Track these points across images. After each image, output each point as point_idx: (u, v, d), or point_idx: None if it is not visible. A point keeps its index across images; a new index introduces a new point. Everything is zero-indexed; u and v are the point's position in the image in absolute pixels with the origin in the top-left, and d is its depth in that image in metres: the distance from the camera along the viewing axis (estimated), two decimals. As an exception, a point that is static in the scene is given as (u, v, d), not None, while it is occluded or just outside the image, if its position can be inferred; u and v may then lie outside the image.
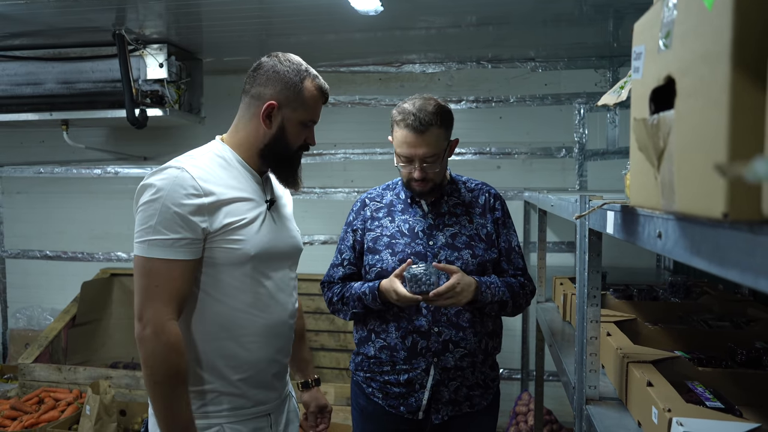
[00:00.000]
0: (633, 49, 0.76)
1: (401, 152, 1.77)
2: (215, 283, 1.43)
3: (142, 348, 1.35)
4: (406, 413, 1.81)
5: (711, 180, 0.53)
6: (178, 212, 1.34)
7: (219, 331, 1.45)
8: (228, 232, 1.41)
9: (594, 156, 3.65)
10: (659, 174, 0.67)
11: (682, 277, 2.26)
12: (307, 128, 1.54)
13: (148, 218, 1.35)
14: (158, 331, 1.33)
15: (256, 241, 1.45)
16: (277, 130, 1.49)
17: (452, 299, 1.66)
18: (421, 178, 1.76)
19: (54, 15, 2.91)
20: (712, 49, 0.53)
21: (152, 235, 1.34)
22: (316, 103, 1.52)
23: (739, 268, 0.56)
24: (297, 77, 1.48)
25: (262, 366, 1.51)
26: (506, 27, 3.10)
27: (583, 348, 1.39)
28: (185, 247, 1.36)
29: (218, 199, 1.40)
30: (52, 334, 3.67)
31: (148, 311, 1.34)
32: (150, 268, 1.35)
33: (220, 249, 1.41)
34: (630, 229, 0.95)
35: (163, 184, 1.36)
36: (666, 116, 0.64)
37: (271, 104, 1.46)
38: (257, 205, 1.50)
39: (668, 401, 1.11)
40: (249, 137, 1.51)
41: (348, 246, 1.91)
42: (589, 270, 1.35)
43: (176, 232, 1.34)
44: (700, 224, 0.63)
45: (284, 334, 1.58)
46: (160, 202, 1.35)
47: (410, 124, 1.72)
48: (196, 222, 1.36)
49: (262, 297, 1.50)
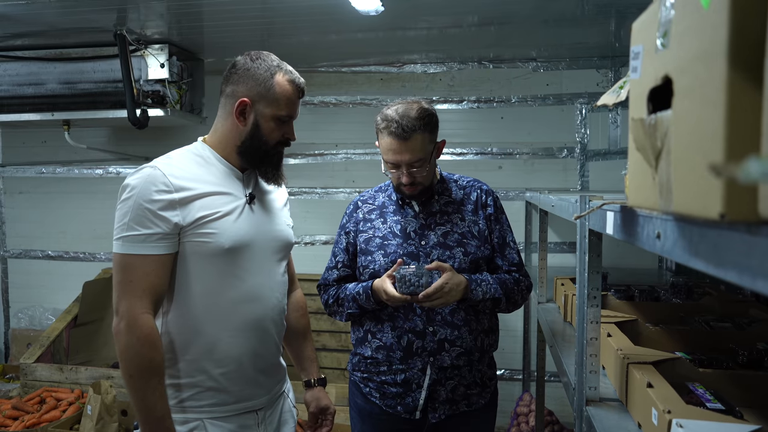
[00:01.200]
0: (631, 49, 0.76)
1: (387, 159, 1.76)
2: (192, 276, 1.46)
3: (117, 341, 1.39)
4: (404, 413, 1.81)
5: (708, 180, 0.52)
6: (149, 208, 1.38)
7: (198, 324, 1.46)
8: (201, 226, 1.43)
9: (596, 156, 3.64)
10: (657, 174, 0.67)
11: (683, 278, 2.25)
12: (284, 123, 1.54)
13: (123, 216, 1.40)
14: (131, 325, 1.36)
15: (231, 233, 1.47)
16: (252, 126, 1.51)
17: (441, 299, 1.67)
18: (409, 183, 1.77)
19: (55, 15, 2.91)
20: (708, 49, 0.53)
21: (126, 232, 1.39)
22: (289, 97, 1.52)
23: (737, 269, 0.55)
24: (267, 73, 1.50)
25: (244, 361, 1.51)
26: (508, 27, 3.09)
27: (583, 349, 1.38)
28: (158, 242, 1.39)
29: (191, 194, 1.43)
30: (53, 334, 3.67)
31: (123, 305, 1.38)
32: (125, 263, 1.39)
33: (195, 242, 1.44)
34: (629, 229, 0.94)
35: (136, 183, 1.41)
36: (663, 116, 0.64)
37: (243, 101, 1.48)
38: (235, 199, 1.52)
39: (668, 403, 1.10)
40: (226, 135, 1.54)
41: (341, 248, 1.92)
42: (590, 271, 1.35)
43: (148, 228, 1.38)
44: (699, 225, 0.62)
45: (268, 329, 1.58)
46: (132, 199, 1.39)
47: (393, 132, 1.70)
48: (168, 217, 1.40)
49: (243, 291, 1.50)
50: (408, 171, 1.74)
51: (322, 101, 3.90)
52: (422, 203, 1.86)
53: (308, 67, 3.83)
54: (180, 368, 1.47)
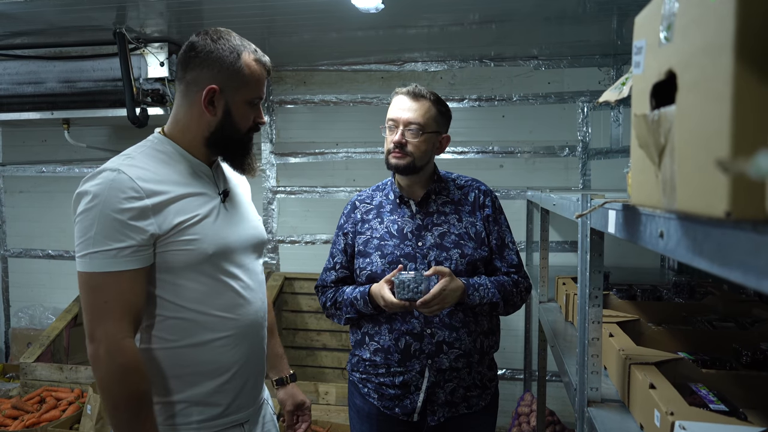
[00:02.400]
0: (634, 44, 0.74)
1: (390, 116, 1.79)
2: (175, 288, 1.33)
3: (96, 371, 1.25)
4: (401, 415, 1.79)
5: (713, 177, 0.51)
6: (119, 219, 1.23)
7: (184, 338, 1.34)
8: (180, 233, 1.30)
9: (597, 155, 3.62)
10: (660, 172, 0.65)
11: (686, 278, 2.24)
12: (254, 107, 1.42)
13: (86, 229, 1.24)
14: (112, 351, 1.23)
15: (213, 237, 1.35)
16: (223, 115, 1.37)
17: (438, 306, 1.65)
18: (398, 143, 1.75)
19: (55, 14, 2.90)
20: (714, 41, 0.51)
21: (93, 248, 1.23)
22: (258, 78, 1.39)
23: (742, 269, 0.54)
24: (233, 54, 1.35)
25: (234, 372, 1.41)
26: (509, 25, 3.07)
27: (585, 349, 1.37)
28: (131, 256, 1.25)
29: (164, 198, 1.29)
30: (53, 334, 3.66)
31: (99, 330, 1.23)
32: (95, 283, 1.24)
33: (175, 252, 1.30)
34: (631, 228, 0.93)
35: (99, 190, 1.24)
36: (667, 112, 0.62)
37: (212, 88, 1.34)
38: (209, 199, 1.39)
39: (671, 404, 1.08)
40: (191, 127, 1.39)
41: (339, 249, 1.90)
42: (591, 270, 1.33)
43: (119, 241, 1.23)
44: (703, 223, 0.61)
45: (257, 334, 1.48)
46: (97, 209, 1.23)
47: (407, 91, 1.79)
48: (141, 227, 1.25)
49: (230, 297, 1.39)
50: (403, 130, 1.76)
51: (323, 100, 3.88)
52: (419, 202, 1.84)
53: (309, 65, 3.82)
54: (167, 386, 1.35)
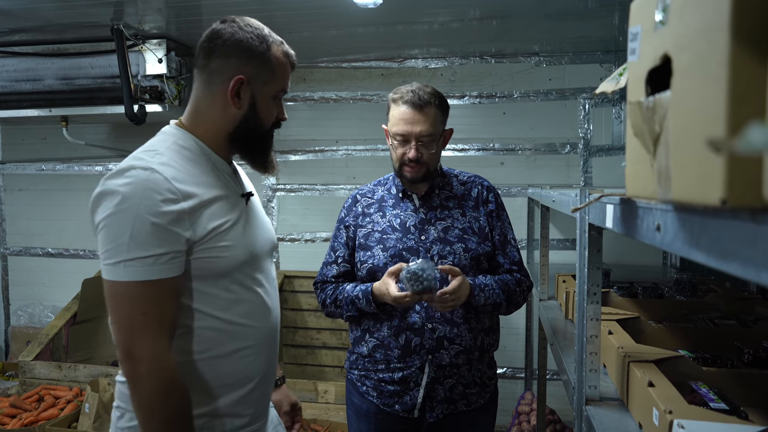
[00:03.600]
0: (629, 30, 0.72)
1: (398, 130, 1.72)
2: (206, 297, 1.24)
3: (136, 390, 1.15)
4: (401, 412, 1.77)
5: (708, 164, 0.49)
6: (157, 223, 1.13)
7: (209, 349, 1.26)
8: (214, 239, 1.22)
9: (599, 152, 3.59)
10: (655, 161, 0.63)
11: (688, 275, 2.21)
12: (278, 102, 1.35)
13: (119, 234, 1.13)
14: (155, 369, 1.14)
15: (244, 243, 1.29)
16: (248, 108, 1.29)
17: (453, 302, 1.63)
18: (415, 159, 1.71)
19: (52, 10, 2.89)
20: (710, 22, 0.49)
21: (128, 255, 1.13)
22: (285, 71, 1.32)
23: (740, 261, 0.51)
24: (263, 44, 1.28)
25: (257, 381, 1.35)
26: (510, 21, 3.05)
27: (583, 347, 1.34)
28: (168, 263, 1.15)
29: (198, 201, 1.20)
30: (52, 332, 3.65)
31: (140, 346, 1.13)
32: (132, 294, 1.14)
33: (208, 259, 1.22)
34: (628, 222, 0.90)
35: (131, 191, 1.14)
36: (662, 98, 0.60)
37: (240, 79, 1.25)
38: (236, 202, 1.32)
39: (670, 402, 1.06)
40: (215, 121, 1.30)
41: (341, 243, 1.87)
42: (589, 266, 1.31)
43: (157, 247, 1.13)
44: (700, 214, 0.59)
45: (275, 341, 1.43)
46: (131, 213, 1.13)
47: (409, 100, 1.70)
48: (179, 232, 1.16)
49: (255, 304, 1.34)
50: (417, 145, 1.71)
51: (323, 97, 3.87)
52: (422, 197, 1.82)
53: (308, 62, 3.79)
54: (195, 399, 1.26)
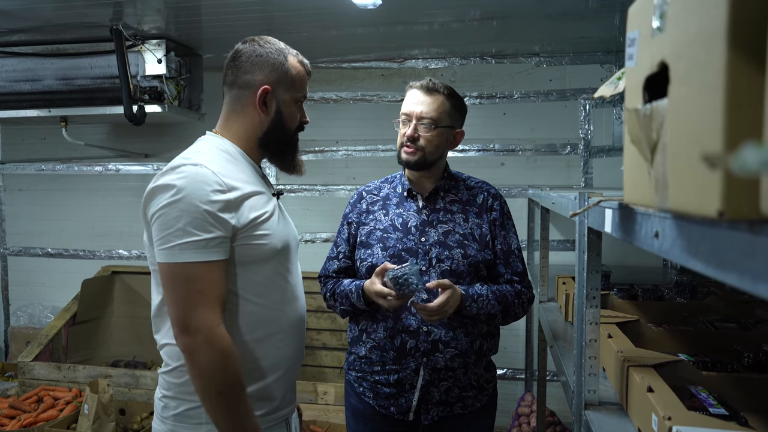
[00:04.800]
0: (627, 36, 0.71)
1: (404, 110, 1.79)
2: (246, 282, 1.39)
3: (194, 360, 1.28)
4: (397, 414, 1.77)
5: (705, 175, 0.48)
6: (208, 210, 1.29)
7: (251, 332, 1.40)
8: (254, 227, 1.37)
9: (600, 153, 3.58)
10: (653, 169, 0.62)
11: (688, 277, 2.20)
12: (299, 106, 1.53)
13: (174, 220, 1.28)
14: (211, 339, 1.27)
15: (279, 234, 1.44)
16: (275, 114, 1.47)
17: (438, 316, 1.63)
18: (411, 137, 1.75)
19: (51, 10, 2.88)
20: (707, 29, 0.48)
21: (183, 238, 1.27)
22: (302, 78, 1.51)
23: (737, 271, 0.51)
24: (281, 56, 1.47)
25: (290, 364, 1.49)
26: (510, 21, 3.04)
27: (582, 351, 1.34)
28: (218, 247, 1.31)
29: (241, 194, 1.36)
30: (52, 332, 3.65)
31: (197, 319, 1.27)
32: (188, 273, 1.28)
33: (249, 246, 1.37)
34: (627, 227, 0.90)
35: (185, 183, 1.29)
36: (659, 105, 0.59)
37: (266, 89, 1.44)
38: (269, 198, 1.48)
39: (669, 408, 1.05)
40: (246, 129, 1.48)
41: (343, 239, 1.88)
42: (589, 270, 1.30)
43: (209, 232, 1.29)
44: (698, 223, 0.58)
45: (303, 330, 1.56)
46: (185, 201, 1.28)
47: (422, 85, 1.78)
48: (226, 219, 1.31)
49: (287, 292, 1.47)
50: (416, 124, 1.75)
51: (323, 97, 3.86)
52: (426, 198, 1.82)
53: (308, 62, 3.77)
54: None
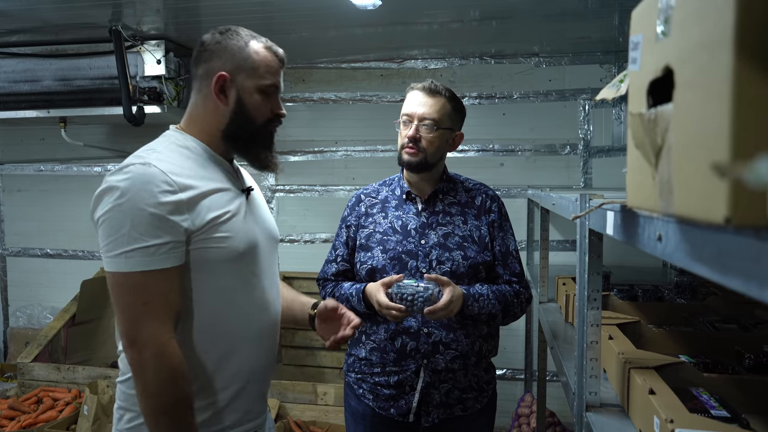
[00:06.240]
0: (630, 39, 0.71)
1: (405, 111, 1.79)
2: (205, 288, 1.28)
3: (140, 377, 1.19)
4: (397, 415, 1.77)
5: (712, 181, 0.48)
6: (156, 213, 1.18)
7: (212, 341, 1.30)
8: (213, 229, 1.26)
9: (599, 153, 3.58)
10: (657, 173, 0.62)
11: (688, 278, 2.20)
12: (270, 96, 1.38)
13: (118, 226, 1.18)
14: (160, 355, 1.18)
15: (243, 235, 1.32)
16: (235, 104, 1.34)
17: (444, 314, 1.62)
18: (412, 138, 1.74)
19: (50, 11, 2.88)
20: (712, 35, 0.48)
21: (128, 245, 1.17)
22: (269, 64, 1.36)
23: (743, 277, 0.51)
24: (241, 42, 1.34)
25: (254, 377, 1.38)
26: (509, 22, 3.04)
27: (584, 353, 1.34)
28: (169, 253, 1.20)
29: (196, 192, 1.25)
30: (51, 333, 3.64)
31: (144, 334, 1.18)
32: (134, 283, 1.18)
33: (207, 249, 1.26)
34: (629, 230, 0.90)
35: (129, 185, 1.19)
36: (664, 110, 0.59)
37: (221, 75, 1.32)
38: (236, 196, 1.36)
39: (671, 410, 1.05)
40: (209, 121, 1.36)
41: (342, 242, 1.88)
42: (590, 272, 1.30)
43: (156, 237, 1.18)
44: (702, 227, 0.58)
45: (274, 338, 1.45)
46: (130, 204, 1.18)
47: (424, 86, 1.79)
48: (177, 222, 1.20)
49: (255, 297, 1.37)
50: (417, 125, 1.75)
51: (322, 98, 3.85)
52: (426, 201, 1.83)
53: (307, 63, 3.78)
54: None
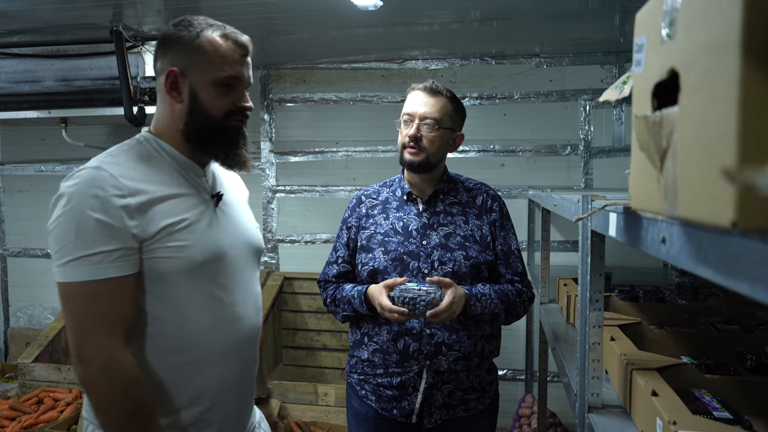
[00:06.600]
0: (634, 41, 0.71)
1: (406, 111, 1.79)
2: (162, 300, 1.21)
3: (90, 391, 1.13)
4: (399, 417, 1.77)
5: (718, 184, 0.48)
6: (100, 219, 1.11)
7: (172, 356, 1.22)
8: (167, 237, 1.18)
9: (600, 153, 3.58)
10: (662, 176, 0.62)
11: (689, 278, 2.20)
12: (230, 89, 1.27)
13: (65, 234, 1.11)
14: (108, 370, 1.12)
15: (204, 244, 1.24)
16: (189, 100, 1.25)
17: (447, 316, 1.62)
18: (413, 137, 1.74)
19: (51, 12, 2.88)
20: (719, 38, 0.48)
21: (74, 254, 1.10)
22: (224, 54, 1.24)
23: (749, 280, 0.50)
24: (192, 33, 1.23)
25: (225, 392, 1.30)
26: (510, 22, 3.04)
27: (586, 354, 1.34)
28: (118, 261, 1.12)
29: (148, 198, 1.17)
30: (52, 334, 3.64)
31: (91, 347, 1.11)
32: (81, 294, 1.11)
33: (162, 259, 1.18)
34: (633, 232, 0.89)
35: (76, 190, 1.12)
36: (669, 113, 0.59)
37: (171, 71, 1.23)
38: (200, 202, 1.28)
39: (673, 412, 1.05)
40: (168, 121, 1.28)
41: (342, 243, 1.88)
42: (592, 273, 1.30)
43: (104, 245, 1.11)
44: (707, 230, 0.58)
45: (248, 353, 1.37)
46: (76, 210, 1.10)
47: (424, 87, 1.79)
48: (126, 228, 1.13)
49: (219, 312, 1.28)
50: (419, 124, 1.75)
51: (322, 98, 3.85)
52: (426, 201, 1.83)
53: (308, 63, 3.79)
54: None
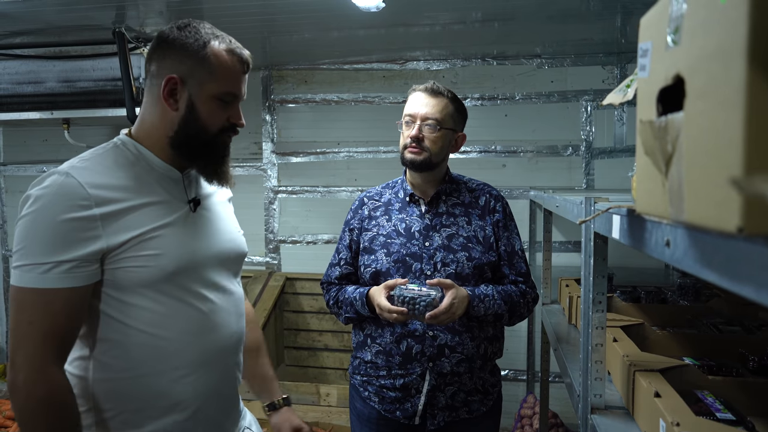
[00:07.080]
0: (639, 46, 0.72)
1: (408, 111, 1.80)
2: (131, 309, 1.18)
3: (13, 402, 1.09)
4: (402, 418, 1.77)
5: (724, 190, 0.48)
6: (60, 229, 1.09)
7: (134, 367, 1.19)
8: (136, 247, 1.15)
9: (601, 154, 3.59)
10: (667, 181, 0.63)
11: (691, 279, 2.21)
12: (227, 105, 1.25)
13: (23, 238, 1.10)
14: (32, 381, 1.08)
15: (175, 252, 1.20)
16: (186, 110, 1.21)
17: (447, 318, 1.63)
18: (415, 137, 1.75)
19: (54, 13, 2.88)
20: (724, 45, 0.48)
21: (26, 259, 1.09)
22: (228, 70, 1.22)
23: (754, 285, 0.51)
24: (199, 41, 1.20)
25: (196, 408, 1.26)
26: (512, 23, 3.04)
27: (588, 355, 1.34)
28: (69, 273, 1.09)
29: (117, 207, 1.15)
30: (54, 334, 3.64)
31: (20, 355, 1.09)
32: (23, 300, 1.09)
33: (132, 268, 1.15)
34: (636, 234, 0.90)
35: (43, 194, 1.10)
36: (675, 119, 0.59)
37: (171, 78, 1.19)
38: (175, 208, 1.25)
39: (676, 414, 1.06)
40: (156, 125, 1.24)
41: (345, 245, 1.89)
42: (595, 275, 1.30)
43: (55, 255, 1.08)
44: (712, 234, 0.58)
45: (228, 363, 1.34)
46: (36, 216, 1.09)
47: (426, 87, 1.80)
48: (86, 239, 1.11)
49: (194, 320, 1.24)
50: (420, 124, 1.76)
51: (324, 99, 3.86)
52: (429, 202, 1.83)
53: (310, 64, 3.79)
54: (108, 425, 1.19)
